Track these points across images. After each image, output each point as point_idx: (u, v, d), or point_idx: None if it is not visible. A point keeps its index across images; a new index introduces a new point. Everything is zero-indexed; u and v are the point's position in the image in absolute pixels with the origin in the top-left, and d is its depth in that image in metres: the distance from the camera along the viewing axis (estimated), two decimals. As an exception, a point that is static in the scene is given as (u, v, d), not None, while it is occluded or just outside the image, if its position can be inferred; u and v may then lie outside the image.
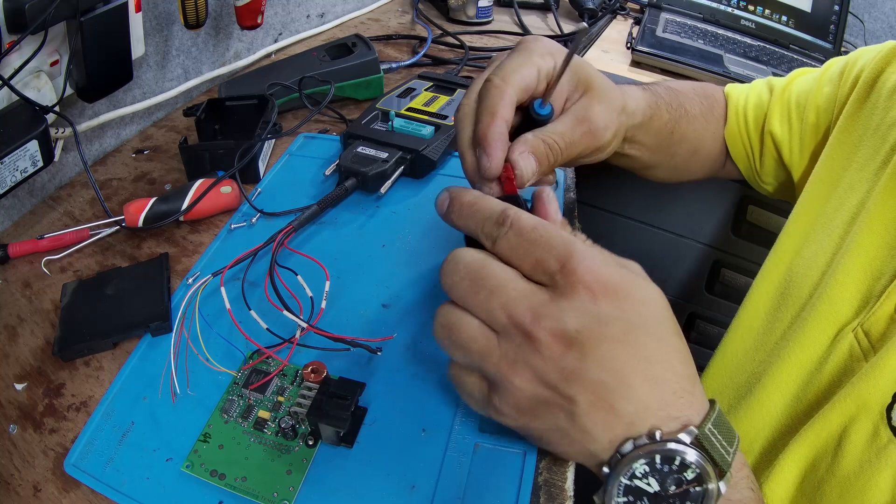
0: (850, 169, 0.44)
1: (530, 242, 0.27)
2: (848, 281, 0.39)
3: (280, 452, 0.35)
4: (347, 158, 0.54)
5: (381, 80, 0.70)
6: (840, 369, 0.38)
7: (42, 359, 0.41)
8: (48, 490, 0.34)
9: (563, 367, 0.26)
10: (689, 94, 0.54)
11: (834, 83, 0.49)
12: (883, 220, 0.39)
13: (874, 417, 0.33)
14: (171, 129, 0.68)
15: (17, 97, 0.46)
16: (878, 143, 0.42)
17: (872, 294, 0.38)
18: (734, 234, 0.90)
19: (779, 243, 0.49)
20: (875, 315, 0.37)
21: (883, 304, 0.36)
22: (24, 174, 0.47)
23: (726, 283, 0.94)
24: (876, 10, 1.12)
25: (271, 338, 0.40)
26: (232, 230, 0.51)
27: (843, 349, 0.38)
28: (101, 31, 0.50)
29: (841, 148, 0.46)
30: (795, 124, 0.52)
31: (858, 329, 0.37)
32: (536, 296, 0.27)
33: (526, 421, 0.28)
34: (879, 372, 0.33)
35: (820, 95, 0.50)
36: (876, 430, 0.33)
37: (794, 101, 0.52)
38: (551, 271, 0.27)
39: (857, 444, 0.33)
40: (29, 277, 0.48)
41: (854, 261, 0.39)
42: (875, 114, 0.44)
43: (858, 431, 0.33)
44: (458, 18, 0.98)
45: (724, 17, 0.98)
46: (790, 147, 0.52)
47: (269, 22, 0.81)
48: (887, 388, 0.33)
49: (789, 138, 0.52)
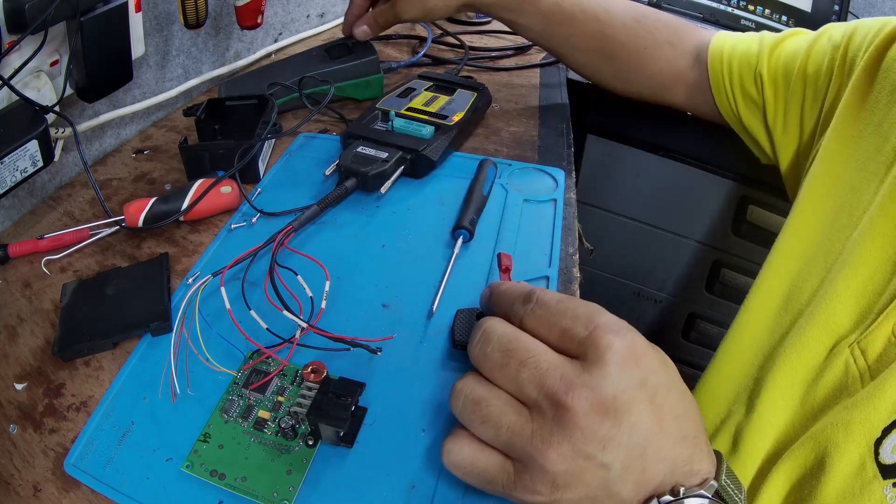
0: (850, 167, 0.43)
1: (556, 314, 0.28)
2: (847, 293, 0.38)
3: (280, 452, 0.35)
4: (347, 158, 0.54)
5: (381, 80, 0.70)
6: (836, 385, 0.37)
7: (42, 359, 0.41)
8: (48, 490, 0.34)
9: (602, 435, 0.26)
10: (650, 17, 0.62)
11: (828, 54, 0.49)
12: (886, 232, 0.38)
13: (862, 450, 0.32)
14: (171, 129, 0.68)
15: (17, 97, 0.46)
16: (879, 141, 0.41)
17: (872, 311, 0.37)
18: (734, 234, 0.90)
19: (780, 243, 0.48)
20: (872, 334, 0.36)
21: (881, 324, 0.36)
22: (24, 174, 0.47)
23: (726, 283, 0.94)
24: (876, 10, 1.12)
25: (271, 338, 0.40)
26: (232, 230, 0.51)
27: (839, 364, 0.37)
28: (101, 31, 0.50)
29: (841, 143, 0.45)
30: (781, 88, 0.52)
31: (855, 346, 0.36)
32: (567, 366, 0.27)
33: (559, 496, 0.27)
34: (873, 404, 0.33)
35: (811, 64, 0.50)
36: (863, 463, 0.32)
37: (783, 66, 0.53)
38: (579, 338, 0.27)
39: (842, 473, 0.33)
40: (29, 277, 0.48)
41: (855, 272, 0.38)
42: (878, 109, 0.42)
43: (844, 460, 0.33)
44: (457, 18, 0.98)
45: (724, 17, 0.98)
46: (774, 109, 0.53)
47: (269, 22, 0.81)
48: (879, 421, 0.32)
49: (774, 102, 0.53)
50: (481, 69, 0.83)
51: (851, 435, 0.33)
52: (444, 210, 0.53)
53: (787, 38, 0.55)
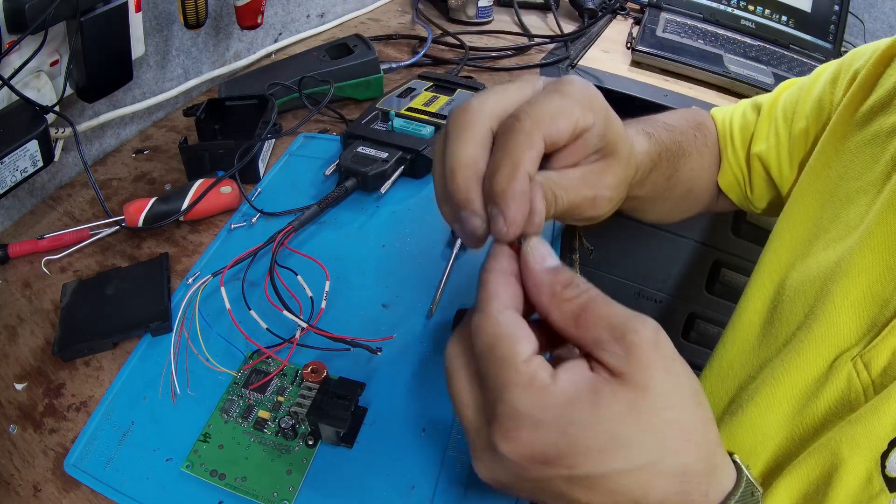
0: (847, 178, 0.42)
1: None
2: (846, 304, 0.37)
3: (280, 452, 0.35)
4: (347, 158, 0.54)
5: (381, 80, 0.70)
6: (838, 399, 0.36)
7: (42, 359, 0.41)
8: (48, 490, 0.34)
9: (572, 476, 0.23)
10: (685, 128, 0.51)
11: (827, 88, 0.48)
12: (885, 240, 0.37)
13: (868, 463, 0.32)
14: (171, 129, 0.68)
15: (17, 97, 0.46)
16: (877, 151, 0.41)
17: (876, 323, 0.36)
18: (734, 234, 0.90)
19: (770, 250, 0.47)
20: (877, 347, 0.35)
21: (886, 337, 0.34)
22: (24, 174, 0.47)
23: (726, 283, 0.94)
24: (876, 10, 1.12)
25: (271, 338, 0.40)
26: (232, 230, 0.51)
27: (842, 378, 0.36)
28: (101, 31, 0.50)
29: (837, 155, 0.44)
30: (783, 135, 0.50)
31: (858, 359, 0.36)
32: None
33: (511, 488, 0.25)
34: (878, 417, 0.32)
35: (809, 101, 0.49)
36: (869, 477, 0.31)
37: (781, 112, 0.51)
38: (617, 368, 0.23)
39: (848, 487, 0.32)
40: (29, 277, 0.48)
41: (854, 282, 0.37)
42: (873, 121, 0.42)
43: (850, 474, 0.32)
44: (458, 18, 0.98)
45: (724, 17, 0.98)
46: (778, 161, 0.51)
47: (269, 22, 0.81)
48: (885, 434, 0.31)
49: (777, 151, 0.51)
50: (481, 69, 0.83)
51: (857, 449, 0.32)
52: (444, 210, 0.53)
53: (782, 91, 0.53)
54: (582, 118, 0.29)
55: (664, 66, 0.83)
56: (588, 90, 0.30)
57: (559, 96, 0.28)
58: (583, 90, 0.29)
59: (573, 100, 0.29)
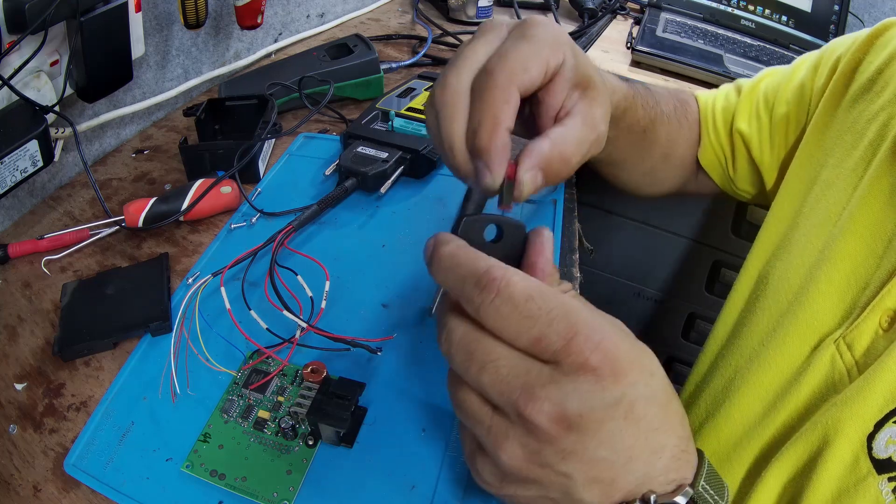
0: (828, 165, 0.43)
1: (526, 317, 0.24)
2: (831, 289, 0.38)
3: (280, 452, 0.35)
4: (347, 158, 0.54)
5: (381, 80, 0.70)
6: (823, 382, 0.36)
7: (42, 359, 0.41)
8: (48, 490, 0.34)
9: (562, 448, 0.24)
10: (664, 94, 0.53)
11: (808, 75, 0.48)
12: (867, 225, 0.37)
13: (854, 445, 0.32)
14: (171, 129, 0.68)
15: (17, 97, 0.46)
16: (855, 138, 0.41)
17: (857, 305, 0.36)
18: (734, 234, 0.90)
19: (757, 241, 0.47)
20: (858, 328, 0.35)
21: (867, 317, 0.35)
22: (24, 174, 0.47)
23: (726, 283, 0.94)
24: (876, 10, 1.12)
25: (271, 338, 0.40)
26: (232, 230, 0.51)
27: (825, 361, 0.36)
28: (101, 31, 0.50)
29: (818, 143, 0.45)
30: (764, 118, 0.51)
31: (840, 341, 0.36)
32: (532, 374, 0.24)
33: (511, 491, 0.26)
34: (863, 398, 0.32)
35: (790, 88, 0.49)
36: (856, 459, 0.32)
37: (763, 96, 0.51)
38: (553, 349, 0.23)
39: (835, 470, 0.32)
40: (29, 277, 0.48)
41: (837, 268, 0.38)
42: (853, 108, 0.42)
43: (837, 457, 0.32)
44: (458, 18, 0.98)
45: (724, 16, 0.98)
46: (759, 143, 0.51)
47: (269, 22, 0.81)
48: (870, 416, 0.32)
49: (758, 134, 0.51)
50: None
51: (843, 431, 0.32)
52: (444, 210, 0.53)
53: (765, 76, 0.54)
54: (552, 57, 0.30)
55: (664, 65, 0.83)
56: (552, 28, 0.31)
57: (526, 42, 0.29)
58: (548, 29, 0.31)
59: (541, 42, 0.30)
